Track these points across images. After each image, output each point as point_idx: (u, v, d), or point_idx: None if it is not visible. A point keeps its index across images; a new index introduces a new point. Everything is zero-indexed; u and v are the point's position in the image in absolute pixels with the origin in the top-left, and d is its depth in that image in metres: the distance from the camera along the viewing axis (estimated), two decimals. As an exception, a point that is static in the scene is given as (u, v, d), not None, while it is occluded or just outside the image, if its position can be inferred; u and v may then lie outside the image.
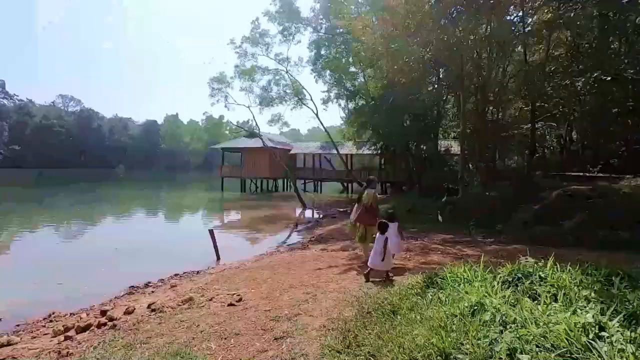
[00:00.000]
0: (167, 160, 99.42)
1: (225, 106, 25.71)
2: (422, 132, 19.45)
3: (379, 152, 24.15)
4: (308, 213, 18.19)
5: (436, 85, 18.13)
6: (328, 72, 26.88)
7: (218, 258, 8.30)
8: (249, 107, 25.82)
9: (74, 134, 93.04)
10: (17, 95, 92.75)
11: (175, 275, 6.85)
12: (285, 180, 33.43)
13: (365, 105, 23.41)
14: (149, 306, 4.79)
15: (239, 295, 4.73)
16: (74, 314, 5.00)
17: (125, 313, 4.61)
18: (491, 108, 14.46)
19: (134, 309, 4.75)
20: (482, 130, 13.67)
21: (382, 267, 5.06)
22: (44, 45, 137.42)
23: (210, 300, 4.69)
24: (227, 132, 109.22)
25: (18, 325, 4.70)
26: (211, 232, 8.22)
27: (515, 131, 14.53)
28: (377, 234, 5.29)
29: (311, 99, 29.02)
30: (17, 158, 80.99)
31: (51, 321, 4.80)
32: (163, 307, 4.61)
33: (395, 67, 11.97)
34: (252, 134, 31.19)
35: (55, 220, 15.54)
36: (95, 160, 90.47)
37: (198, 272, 6.99)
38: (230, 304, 4.36)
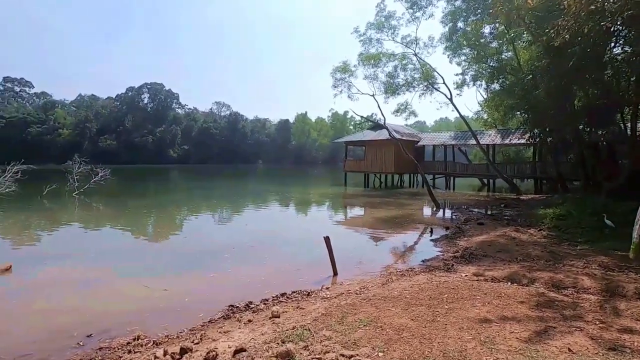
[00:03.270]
0: (296, 155, 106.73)
1: (349, 96, 24.51)
2: (607, 113, 14.11)
3: (535, 140, 19.05)
4: (441, 215, 15.27)
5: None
6: (465, 49, 22.89)
7: (335, 274, 6.68)
8: (373, 95, 23.99)
9: (225, 134, 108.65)
10: (187, 105, 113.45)
11: (282, 295, 5.49)
12: (413, 175, 30.48)
13: (516, 83, 18.72)
14: (234, 354, 3.42)
15: (358, 366, 2.88)
16: (157, 344, 4.01)
17: (204, 360, 3.33)
18: None
19: (216, 355, 3.42)
20: None
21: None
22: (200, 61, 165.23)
23: (315, 365, 2.99)
24: (351, 127, 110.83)
25: (101, 349, 3.95)
26: (327, 240, 6.66)
27: None
28: None
29: (444, 82, 25.38)
30: (185, 156, 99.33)
31: (132, 349, 3.90)
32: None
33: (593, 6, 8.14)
34: (377, 125, 29.33)
35: (193, 211, 16.94)
36: (240, 156, 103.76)
37: (309, 294, 5.47)
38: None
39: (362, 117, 26.92)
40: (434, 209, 16.32)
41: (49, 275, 6.83)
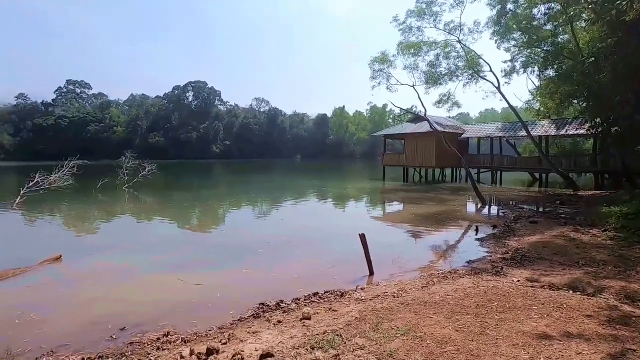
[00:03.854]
0: (334, 150, 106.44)
1: (388, 88, 23.68)
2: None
3: (596, 130, 17.21)
4: (487, 212, 14.27)
5: None
6: (515, 33, 21.17)
7: (371, 273, 6.32)
8: (413, 86, 23.01)
9: (264, 130, 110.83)
10: (229, 102, 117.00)
11: (315, 294, 5.24)
12: (456, 169, 29.03)
13: (574, 68, 17.00)
14: (262, 358, 3.22)
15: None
16: (186, 342, 3.93)
17: (229, 363, 3.17)
18: None
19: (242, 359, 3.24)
20: None
21: None
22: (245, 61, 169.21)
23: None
24: (390, 120, 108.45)
25: (131, 344, 3.93)
26: (363, 238, 6.31)
27: None
28: None
29: (490, 70, 23.71)
30: (227, 151, 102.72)
31: (161, 345, 3.84)
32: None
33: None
34: (417, 117, 28.20)
35: (232, 205, 17.25)
36: (279, 151, 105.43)
37: (342, 295, 5.17)
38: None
39: (401, 109, 25.94)
40: (480, 205, 15.30)
41: (94, 266, 7.13)
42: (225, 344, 3.74)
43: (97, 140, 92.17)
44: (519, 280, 5.42)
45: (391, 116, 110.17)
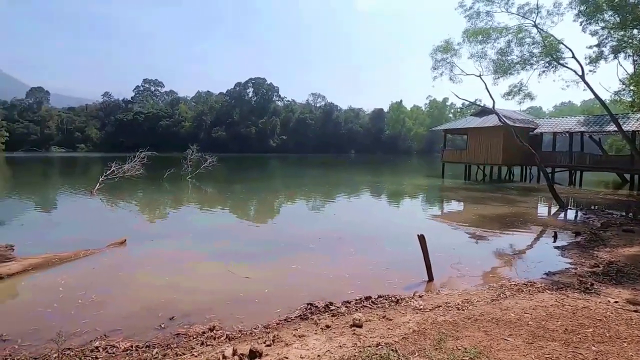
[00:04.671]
0: (390, 145, 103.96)
1: (450, 78, 22.07)
2: None
3: None
4: (565, 216, 12.59)
5: None
6: (606, 12, 18.43)
7: (430, 279, 5.72)
8: (479, 76, 21.18)
9: (319, 124, 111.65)
10: (286, 97, 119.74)
11: (367, 298, 4.82)
12: (526, 167, 26.38)
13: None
14: (305, 369, 2.90)
15: None
16: (230, 339, 3.76)
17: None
18: None
19: (284, 367, 2.96)
20: None
21: None
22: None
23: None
24: (450, 114, 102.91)
25: (178, 335, 3.87)
26: (422, 239, 5.71)
27: None
28: None
29: (573, 56, 20.93)
30: (283, 146, 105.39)
31: (205, 340, 3.71)
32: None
33: None
34: (482, 110, 26.08)
35: (286, 198, 17.35)
36: (333, 146, 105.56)
37: (397, 302, 4.68)
38: None
39: (466, 101, 24.05)
40: (556, 208, 13.58)
41: (154, 252, 7.42)
42: (269, 345, 3.50)
43: (167, 134, 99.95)
44: (616, 302, 4.47)
45: (452, 110, 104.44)
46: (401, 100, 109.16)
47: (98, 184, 17.28)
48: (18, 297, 5.25)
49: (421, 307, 4.46)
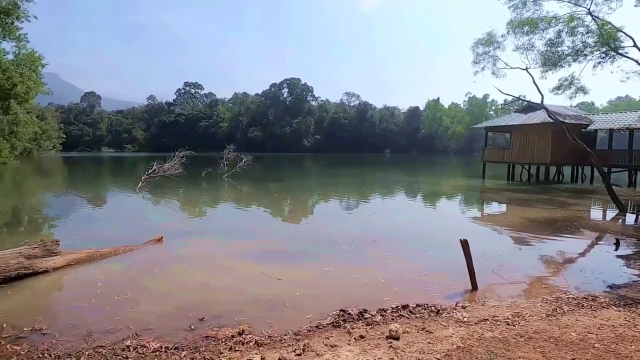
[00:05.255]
0: (426, 144, 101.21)
1: (493, 73, 20.82)
2: None
3: None
4: (626, 220, 11.38)
5: None
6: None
7: (474, 288, 5.26)
8: (526, 69, 19.80)
9: (353, 124, 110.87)
10: (320, 97, 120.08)
11: (404, 307, 4.48)
12: (577, 167, 24.38)
13: None
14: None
15: None
16: (259, 345, 3.60)
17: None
18: None
19: (315, 382, 2.73)
20: None
21: None
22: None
23: None
24: (491, 112, 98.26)
25: (207, 338, 3.77)
26: (465, 244, 5.27)
27: None
28: None
29: (634, 45, 18.97)
30: (317, 145, 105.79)
31: (233, 345, 3.58)
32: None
33: None
34: (528, 107, 24.42)
35: (319, 197, 17.19)
36: (368, 145, 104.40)
37: (438, 312, 4.31)
38: None
39: (511, 96, 22.53)
40: (615, 212, 12.32)
41: (189, 250, 7.51)
42: (299, 355, 3.29)
43: (206, 135, 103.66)
44: (702, 324, 3.82)
45: (493, 107, 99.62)
46: (438, 98, 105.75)
47: (140, 182, 18.10)
48: (61, 292, 5.45)
49: (465, 319, 4.06)
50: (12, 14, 33.58)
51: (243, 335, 3.81)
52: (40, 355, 3.44)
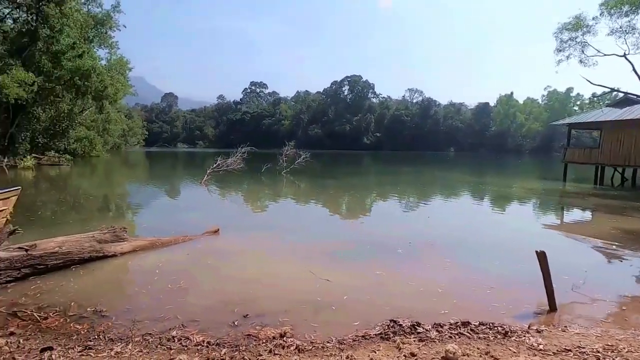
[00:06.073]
0: (496, 142, 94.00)
1: (580, 61, 18.42)
2: None
3: None
4: None
5: None
6: None
7: (552, 308, 4.49)
8: (624, 55, 17.13)
9: (416, 121, 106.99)
10: (381, 94, 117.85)
11: (464, 324, 3.94)
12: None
13: None
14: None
15: None
16: (299, 350, 3.39)
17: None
18: None
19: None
20: None
21: None
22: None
23: None
24: (575, 107, 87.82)
25: (248, 337, 3.67)
26: (541, 257, 4.51)
27: None
28: None
29: None
30: (377, 143, 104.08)
31: (273, 348, 3.42)
32: None
33: None
34: (625, 99, 21.10)
35: (377, 196, 16.66)
36: (431, 143, 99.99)
37: (506, 334, 3.71)
38: None
39: (603, 87, 19.62)
40: None
41: (242, 244, 7.64)
42: (341, 369, 3.02)
43: (269, 132, 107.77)
44: None
45: (577, 102, 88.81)
46: (512, 93, 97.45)
47: (206, 176, 19.24)
48: (124, 276, 5.83)
49: (541, 346, 3.43)
50: (106, 23, 37.88)
51: (285, 338, 3.63)
52: (96, 337, 3.61)
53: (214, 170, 20.12)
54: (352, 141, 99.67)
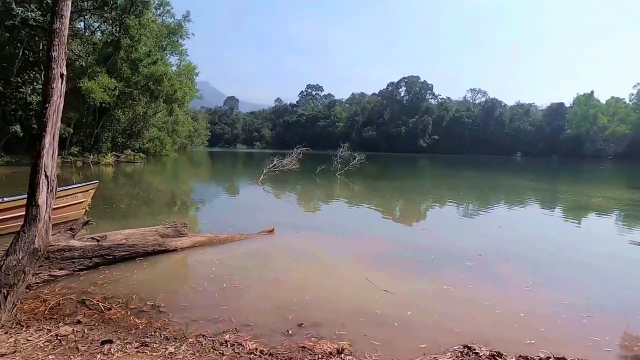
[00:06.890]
0: (571, 147, 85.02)
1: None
2: None
3: None
4: None
5: None
6: None
7: (677, 351, 3.58)
8: None
9: (478, 123, 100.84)
10: (440, 95, 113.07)
11: (559, 360, 3.26)
12: None
13: None
14: None
15: None
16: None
17: None
18: None
19: None
20: None
21: None
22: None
23: None
24: (675, 107, 76.41)
25: (303, 349, 3.38)
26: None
27: None
28: None
29: None
30: (435, 146, 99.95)
31: (332, 366, 3.08)
32: None
33: None
34: None
35: (435, 201, 15.64)
36: (494, 147, 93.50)
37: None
38: None
39: None
40: None
41: (298, 245, 7.44)
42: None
43: (324, 134, 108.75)
44: None
45: (678, 101, 77.00)
46: (592, 92, 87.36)
47: (262, 175, 19.69)
48: (183, 271, 5.92)
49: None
50: (178, 32, 40.86)
51: (342, 355, 3.28)
52: (153, 334, 3.57)
53: (270, 170, 20.54)
54: (408, 143, 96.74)
